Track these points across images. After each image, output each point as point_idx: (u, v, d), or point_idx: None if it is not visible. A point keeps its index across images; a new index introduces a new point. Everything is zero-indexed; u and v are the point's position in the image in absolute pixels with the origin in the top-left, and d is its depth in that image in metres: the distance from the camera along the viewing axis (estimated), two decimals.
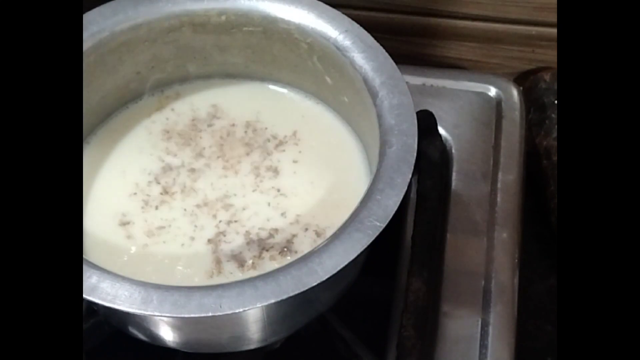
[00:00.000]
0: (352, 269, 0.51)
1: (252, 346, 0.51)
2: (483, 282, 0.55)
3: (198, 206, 0.53)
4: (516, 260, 0.57)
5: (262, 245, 0.51)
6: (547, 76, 0.70)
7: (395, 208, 0.45)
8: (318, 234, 0.51)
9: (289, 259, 0.50)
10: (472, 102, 0.65)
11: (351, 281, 0.53)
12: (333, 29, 0.52)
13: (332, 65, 0.54)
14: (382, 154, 0.47)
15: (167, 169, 0.55)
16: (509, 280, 0.56)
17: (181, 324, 0.47)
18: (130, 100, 0.58)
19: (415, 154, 0.47)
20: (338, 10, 0.53)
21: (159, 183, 0.54)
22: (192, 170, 0.55)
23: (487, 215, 0.59)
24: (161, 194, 0.54)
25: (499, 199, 0.59)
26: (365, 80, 0.50)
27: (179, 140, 0.56)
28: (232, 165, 0.55)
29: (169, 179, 0.54)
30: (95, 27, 0.52)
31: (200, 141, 0.56)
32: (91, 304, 0.44)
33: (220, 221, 0.52)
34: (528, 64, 0.72)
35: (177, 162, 0.55)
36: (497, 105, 0.65)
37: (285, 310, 0.48)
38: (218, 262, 0.50)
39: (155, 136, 0.57)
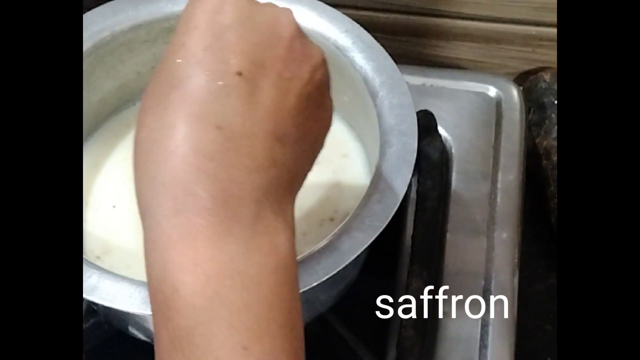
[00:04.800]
0: (352, 269, 0.51)
1: None
2: (483, 282, 0.55)
3: None
4: (516, 260, 0.57)
5: None
6: (547, 76, 0.70)
7: (395, 208, 0.45)
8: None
9: None
10: (472, 102, 0.65)
11: (351, 281, 0.53)
12: (333, 29, 0.52)
13: (332, 65, 0.53)
14: (382, 154, 0.47)
15: None
16: (509, 280, 0.56)
17: None
18: (130, 100, 0.58)
19: (415, 154, 0.47)
20: (338, 10, 0.53)
21: None
22: None
23: (487, 215, 0.59)
24: None
25: (499, 199, 0.59)
26: (365, 80, 0.50)
27: None
28: None
29: None
30: (95, 27, 0.52)
31: None
32: (91, 304, 0.44)
33: None
34: (528, 64, 0.72)
35: None
36: (497, 105, 0.64)
37: None
38: None
39: None
